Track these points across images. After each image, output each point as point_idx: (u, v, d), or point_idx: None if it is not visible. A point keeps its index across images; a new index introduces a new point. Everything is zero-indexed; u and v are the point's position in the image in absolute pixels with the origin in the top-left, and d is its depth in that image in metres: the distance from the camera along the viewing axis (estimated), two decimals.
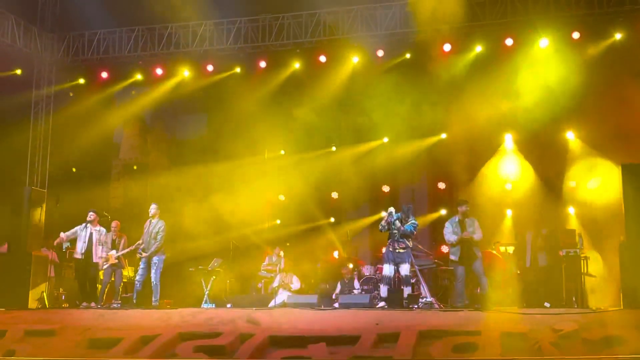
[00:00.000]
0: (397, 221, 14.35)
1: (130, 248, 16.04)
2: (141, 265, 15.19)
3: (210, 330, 11.86)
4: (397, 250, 14.19)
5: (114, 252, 16.05)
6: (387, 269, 14.24)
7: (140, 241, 15.37)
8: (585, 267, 15.08)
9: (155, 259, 15.10)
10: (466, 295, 14.20)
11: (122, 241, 16.36)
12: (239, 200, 19.88)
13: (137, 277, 15.21)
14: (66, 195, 18.26)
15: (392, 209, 14.51)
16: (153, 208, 15.36)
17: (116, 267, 16.24)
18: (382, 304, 13.90)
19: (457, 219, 14.21)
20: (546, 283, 15.02)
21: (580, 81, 16.78)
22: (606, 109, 17.05)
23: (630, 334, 10.47)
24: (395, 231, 14.27)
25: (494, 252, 16.66)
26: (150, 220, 15.29)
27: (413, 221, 14.48)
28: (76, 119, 20.16)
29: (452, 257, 14.26)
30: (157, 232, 15.16)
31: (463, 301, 13.87)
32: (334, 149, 20.83)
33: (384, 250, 17.24)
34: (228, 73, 20.25)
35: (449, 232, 14.19)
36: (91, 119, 20.30)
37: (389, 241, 14.36)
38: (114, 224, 16.46)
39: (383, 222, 14.49)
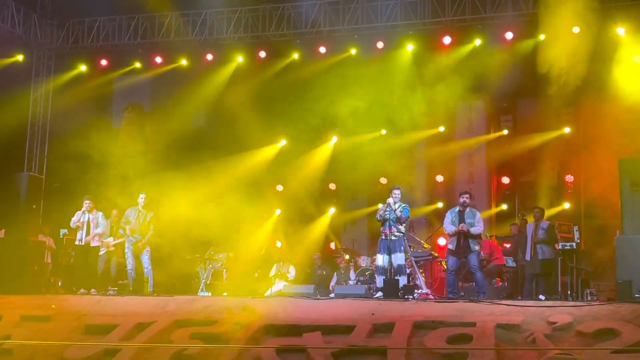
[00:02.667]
0: (392, 205, 14.24)
1: (123, 239, 16.02)
2: (129, 254, 15.26)
3: (206, 317, 11.92)
4: (390, 238, 14.14)
5: (111, 239, 16.06)
6: (381, 259, 14.19)
7: (129, 226, 15.30)
8: (581, 260, 15.20)
9: (147, 247, 15.27)
10: (459, 287, 14.21)
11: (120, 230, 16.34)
12: (237, 190, 19.89)
13: (129, 266, 15.27)
14: (64, 182, 18.31)
15: (390, 200, 14.44)
16: (143, 197, 15.42)
17: (112, 255, 16.25)
18: (379, 294, 13.92)
19: (457, 209, 14.22)
20: (542, 276, 15.04)
21: None
22: None
23: (624, 327, 10.53)
24: (387, 215, 14.18)
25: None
26: (139, 210, 15.34)
27: (404, 205, 14.39)
28: (75, 105, 20.16)
29: (449, 246, 14.30)
30: (150, 222, 15.27)
31: (455, 292, 13.91)
32: (334, 139, 20.84)
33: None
34: (228, 63, 20.26)
35: (448, 222, 14.20)
36: (90, 106, 20.31)
37: (382, 229, 14.32)
38: (114, 212, 16.45)
39: (380, 211, 14.40)
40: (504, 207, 19.69)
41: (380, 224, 14.39)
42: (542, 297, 14.04)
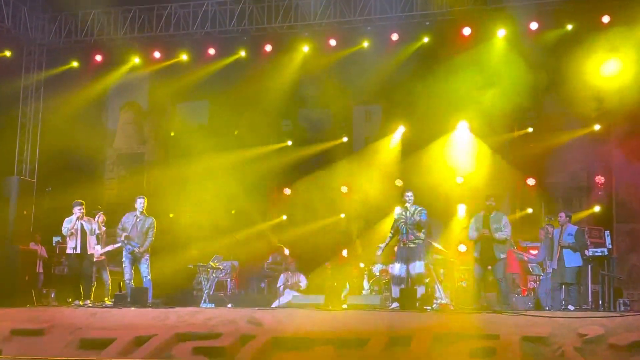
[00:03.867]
0: (405, 212, 14.16)
1: (115, 246, 15.97)
2: (127, 263, 15.23)
3: (209, 330, 11.89)
4: (408, 245, 14.07)
5: (98, 247, 15.95)
6: (397, 268, 14.11)
7: (121, 233, 15.25)
8: (613, 267, 15.10)
9: (145, 255, 15.23)
10: (484, 297, 14.16)
11: (104, 237, 16.28)
12: (242, 194, 19.92)
13: (127, 276, 15.23)
14: (57, 187, 18.34)
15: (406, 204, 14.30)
16: (142, 202, 15.36)
17: (102, 265, 16.20)
18: (394, 305, 13.87)
19: (482, 214, 14.16)
20: (570, 285, 14.97)
21: None
22: None
23: None
24: (402, 224, 14.11)
25: (517, 252, 16.68)
26: (137, 215, 15.31)
27: (421, 208, 14.27)
28: (68, 104, 20.20)
29: (474, 254, 14.25)
30: (149, 228, 15.24)
31: (480, 303, 13.85)
32: (345, 139, 20.83)
33: (396, 248, 17.25)
34: (231, 57, 20.27)
35: (472, 228, 14.18)
36: (84, 105, 20.35)
37: (399, 237, 14.26)
38: (100, 217, 16.35)
39: (399, 222, 14.26)
40: (530, 210, 19.57)
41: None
42: (571, 307, 13.98)
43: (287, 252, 19.59)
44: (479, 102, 18.56)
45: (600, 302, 14.22)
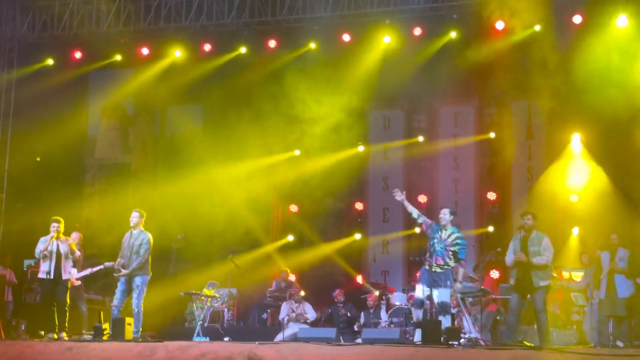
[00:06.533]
0: (441, 231, 14.16)
1: (99, 267, 15.96)
2: (119, 287, 15.18)
3: None
4: (433, 269, 14.04)
5: (74, 271, 15.95)
6: (420, 290, 14.04)
7: (119, 259, 15.29)
8: None
9: (138, 281, 15.08)
10: (520, 331, 14.12)
11: (80, 259, 16.27)
12: (242, 210, 19.96)
13: (115, 302, 15.19)
14: (29, 203, 18.39)
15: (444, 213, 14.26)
16: (135, 216, 15.32)
17: (77, 292, 16.22)
18: (417, 337, 13.82)
19: (520, 235, 14.11)
20: (620, 318, 14.92)
21: None
22: None
23: None
24: (436, 243, 14.09)
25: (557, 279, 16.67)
26: (132, 232, 15.31)
27: (459, 235, 14.25)
28: (43, 108, 20.27)
29: (510, 281, 14.22)
30: (140, 245, 15.11)
31: (515, 337, 13.80)
32: (360, 148, 20.85)
33: (418, 274, 17.25)
34: (230, 54, 20.36)
35: (509, 251, 14.13)
36: (61, 109, 20.42)
37: (426, 256, 14.19)
38: (75, 235, 16.35)
39: (421, 219, 14.24)
40: (575, 231, 19.39)
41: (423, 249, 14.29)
42: (620, 343, 13.94)
43: (292, 277, 19.61)
44: None
45: None
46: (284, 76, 20.00)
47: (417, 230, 14.75)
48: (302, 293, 18.24)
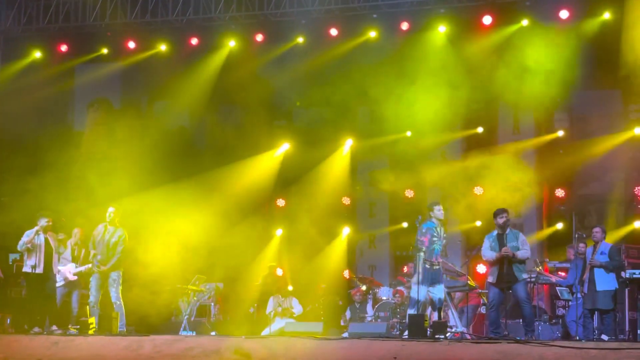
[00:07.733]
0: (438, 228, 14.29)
1: (88, 266, 16.06)
2: (94, 283, 15.28)
3: None
4: (434, 267, 14.24)
5: (72, 266, 16.06)
6: (420, 290, 14.06)
7: (94, 251, 15.36)
8: None
9: (114, 275, 15.24)
10: (503, 325, 14.23)
11: (82, 254, 16.37)
12: (231, 205, 19.97)
13: (91, 299, 15.29)
14: (13, 197, 18.36)
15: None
16: (112, 212, 15.43)
17: (73, 286, 16.28)
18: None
19: (495, 233, 14.26)
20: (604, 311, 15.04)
21: None
22: None
23: None
24: (436, 241, 14.19)
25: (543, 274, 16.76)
26: (107, 226, 15.38)
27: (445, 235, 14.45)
28: (28, 102, 20.24)
29: (488, 279, 14.36)
30: (117, 243, 15.26)
31: (499, 332, 13.92)
32: (349, 142, 20.85)
33: (405, 269, 17.36)
34: (217, 48, 20.37)
35: (486, 248, 14.24)
36: (47, 103, 20.40)
37: (426, 257, 14.24)
38: (76, 231, 16.48)
39: (422, 238, 14.34)
40: (559, 226, 19.60)
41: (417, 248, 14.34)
42: (604, 337, 14.04)
43: (280, 272, 19.66)
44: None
45: (639, 332, 14.28)
46: (273, 70, 20.05)
47: (405, 224, 14.82)
48: (290, 287, 18.32)
